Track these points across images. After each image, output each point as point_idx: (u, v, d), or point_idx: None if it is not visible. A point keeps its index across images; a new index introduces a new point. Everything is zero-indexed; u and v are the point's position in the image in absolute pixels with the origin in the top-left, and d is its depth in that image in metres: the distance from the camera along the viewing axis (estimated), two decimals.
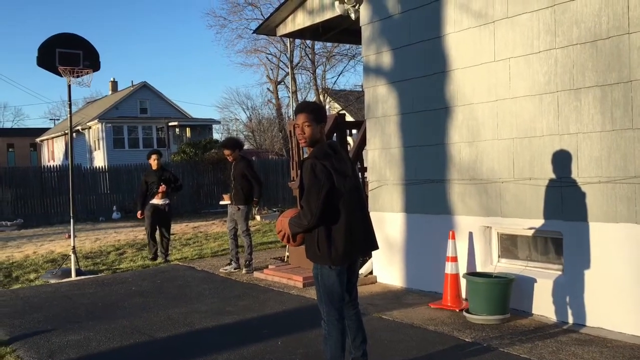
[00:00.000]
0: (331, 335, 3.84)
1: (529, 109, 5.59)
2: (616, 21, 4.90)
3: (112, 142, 33.85)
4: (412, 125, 6.82)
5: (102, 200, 20.90)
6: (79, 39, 9.05)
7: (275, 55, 33.78)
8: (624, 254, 4.92)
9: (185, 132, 35.37)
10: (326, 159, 3.74)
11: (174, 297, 7.09)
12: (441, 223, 6.45)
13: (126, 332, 5.70)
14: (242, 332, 5.58)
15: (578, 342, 4.84)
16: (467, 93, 6.16)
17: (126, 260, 10.34)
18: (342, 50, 31.34)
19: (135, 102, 36.61)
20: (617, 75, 4.91)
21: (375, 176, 7.36)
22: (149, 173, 9.92)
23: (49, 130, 46.45)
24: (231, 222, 8.61)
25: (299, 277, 7.36)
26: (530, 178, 5.60)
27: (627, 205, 4.89)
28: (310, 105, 3.93)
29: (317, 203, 3.64)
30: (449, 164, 6.40)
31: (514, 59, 5.68)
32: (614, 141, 4.97)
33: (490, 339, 5.00)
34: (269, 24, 9.40)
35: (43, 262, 10.50)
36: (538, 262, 5.79)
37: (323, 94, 32.20)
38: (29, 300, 7.28)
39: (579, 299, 5.25)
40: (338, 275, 3.80)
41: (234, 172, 8.48)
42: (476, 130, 6.09)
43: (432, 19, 6.47)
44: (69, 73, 8.77)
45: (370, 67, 7.38)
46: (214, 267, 9.06)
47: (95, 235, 15.02)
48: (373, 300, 6.45)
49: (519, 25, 5.62)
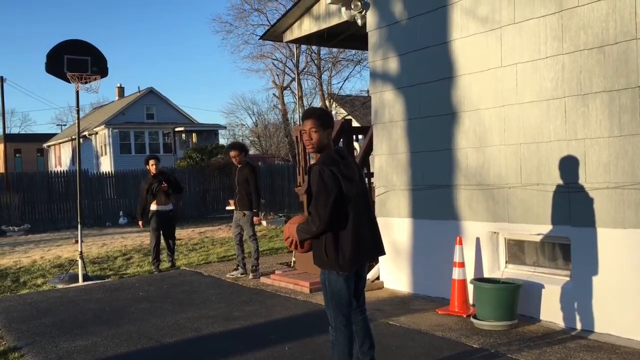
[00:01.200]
0: (339, 341, 3.84)
1: (536, 114, 5.59)
2: (624, 26, 4.89)
3: (118, 147, 34.01)
4: (419, 130, 6.82)
5: (109, 205, 20.98)
6: (87, 45, 9.11)
7: (281, 61, 33.96)
8: (632, 260, 4.90)
9: (191, 138, 35.50)
10: (334, 165, 3.75)
11: (181, 303, 7.10)
12: (448, 228, 6.44)
13: (133, 337, 5.72)
14: (249, 337, 5.58)
15: (586, 349, 4.82)
16: (474, 99, 6.16)
17: (133, 266, 10.37)
18: (347, 55, 31.47)
19: (141, 107, 36.79)
20: (625, 80, 4.90)
21: (382, 182, 7.36)
22: (148, 179, 9.62)
23: (56, 136, 46.70)
24: (236, 227, 8.62)
25: (306, 282, 7.36)
26: (537, 184, 5.60)
27: (636, 211, 4.88)
28: (317, 112, 3.95)
29: (325, 209, 3.65)
30: (456, 170, 6.40)
31: (521, 64, 5.68)
32: (621, 147, 4.96)
33: (498, 345, 4.99)
34: (275, 30, 9.44)
35: (50, 267, 10.55)
36: (546, 267, 5.77)
37: (329, 100, 32.26)
38: (37, 305, 7.31)
39: (587, 305, 5.23)
40: (345, 281, 3.80)
41: (238, 177, 8.48)
42: (483, 135, 6.09)
43: (439, 25, 6.48)
44: (77, 79, 8.83)
45: (377, 73, 7.40)
46: (221, 272, 9.06)
47: (102, 240, 15.07)
48: (380, 305, 6.44)
49: (525, 30, 5.62)
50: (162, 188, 9.47)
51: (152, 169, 9.62)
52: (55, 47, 8.86)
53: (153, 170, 9.62)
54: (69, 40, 9.04)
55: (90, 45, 9.16)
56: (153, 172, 9.63)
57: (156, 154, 10.26)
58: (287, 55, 32.83)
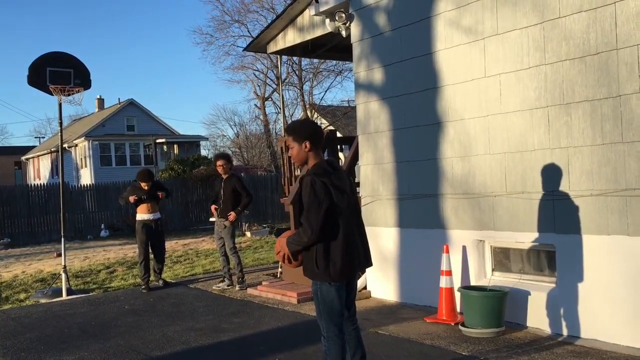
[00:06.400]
0: (331, 351, 3.85)
1: (520, 123, 5.68)
2: (604, 37, 5.01)
3: (99, 159, 33.70)
4: (404, 140, 6.88)
5: (90, 218, 20.74)
6: (69, 58, 9.06)
7: (262, 72, 33.95)
8: (617, 266, 4.99)
9: (172, 149, 35.29)
10: (325, 175, 3.78)
11: (168, 315, 7.05)
12: (435, 237, 6.49)
13: (121, 351, 5.66)
14: (239, 349, 5.56)
15: (574, 354, 4.88)
16: (459, 108, 6.24)
17: (117, 279, 10.26)
18: (328, 66, 31.56)
19: (122, 119, 36.51)
20: (607, 90, 5.01)
21: (368, 191, 7.40)
22: (139, 190, 8.82)
23: (35, 149, 46.13)
24: (219, 239, 8.59)
25: (294, 293, 7.36)
26: (522, 192, 5.68)
27: (619, 217, 4.97)
28: (290, 126, 4.00)
29: (317, 220, 3.67)
30: (441, 179, 6.46)
31: (505, 74, 5.78)
32: (604, 155, 5.06)
33: (486, 352, 5.03)
34: (259, 42, 9.48)
35: (32, 282, 10.39)
36: (532, 275, 5.84)
37: (310, 110, 32.33)
38: (21, 321, 7.20)
39: (573, 311, 5.30)
40: (337, 292, 3.82)
41: (224, 187, 8.45)
42: (468, 145, 6.17)
43: (423, 36, 6.57)
44: (60, 92, 8.77)
45: (361, 84, 7.46)
46: (207, 284, 9.02)
47: (84, 253, 14.89)
48: (368, 315, 6.46)
49: (508, 41, 5.72)
50: (160, 196, 8.88)
51: (145, 187, 8.83)
52: (37, 60, 8.79)
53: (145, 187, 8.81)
54: (51, 53, 8.98)
55: (73, 58, 9.10)
56: (145, 188, 8.82)
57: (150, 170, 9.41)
58: (268, 66, 32.87)
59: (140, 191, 8.83)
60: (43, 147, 42.94)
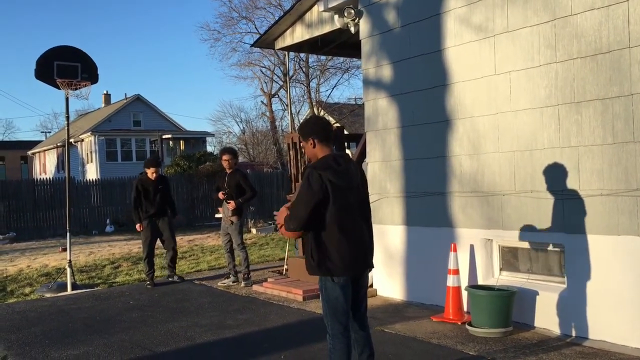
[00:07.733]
0: (336, 350, 3.81)
1: (529, 122, 5.62)
2: (617, 35, 4.94)
3: (104, 154, 33.74)
4: (412, 137, 6.84)
5: (95, 213, 20.78)
6: (77, 52, 9.04)
7: (269, 69, 33.93)
8: (626, 267, 4.93)
9: (178, 145, 35.32)
10: (326, 170, 3.74)
11: (173, 311, 7.03)
12: (442, 235, 6.45)
13: (126, 346, 5.64)
14: (243, 346, 5.54)
15: (582, 355, 4.83)
16: (468, 106, 6.19)
17: (122, 274, 10.26)
18: (335, 63, 31.54)
19: (128, 114, 36.56)
20: (618, 88, 4.95)
21: (375, 188, 7.35)
22: (145, 181, 8.69)
23: (41, 143, 46.25)
24: (225, 235, 8.55)
25: (299, 290, 7.32)
26: (531, 191, 5.62)
27: (629, 217, 4.91)
28: (299, 126, 4.09)
29: (304, 211, 3.69)
30: (450, 177, 6.41)
31: (515, 72, 5.72)
32: (615, 154, 5.00)
33: (494, 352, 4.98)
34: (267, 38, 9.44)
35: (37, 276, 10.40)
36: (540, 274, 5.78)
37: (317, 107, 32.28)
38: (26, 315, 7.20)
39: (581, 311, 5.25)
40: (342, 289, 3.77)
41: (228, 182, 8.41)
42: (477, 143, 6.11)
43: (433, 33, 6.51)
44: (67, 86, 8.75)
45: (370, 80, 7.41)
46: (212, 280, 9.00)
47: (89, 248, 14.91)
48: (374, 313, 6.41)
49: (519, 39, 5.66)
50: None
51: (152, 176, 8.69)
52: (45, 53, 8.78)
53: (152, 177, 8.69)
54: (59, 47, 8.97)
55: (81, 52, 9.09)
56: (152, 178, 8.69)
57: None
58: (275, 62, 32.83)
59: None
60: (49, 142, 43.05)
